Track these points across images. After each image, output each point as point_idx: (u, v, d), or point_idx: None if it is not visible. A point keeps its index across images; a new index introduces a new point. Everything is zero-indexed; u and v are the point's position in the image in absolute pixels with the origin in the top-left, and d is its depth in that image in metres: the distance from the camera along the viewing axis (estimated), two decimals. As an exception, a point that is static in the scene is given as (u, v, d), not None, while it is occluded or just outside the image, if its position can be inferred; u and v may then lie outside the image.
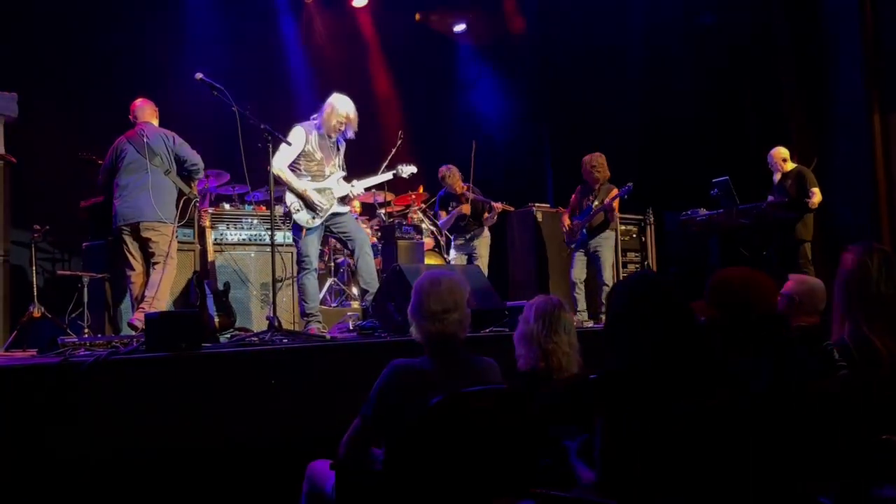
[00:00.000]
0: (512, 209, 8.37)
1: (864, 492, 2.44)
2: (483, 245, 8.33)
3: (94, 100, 7.64)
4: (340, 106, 5.79)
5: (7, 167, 5.33)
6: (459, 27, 11.51)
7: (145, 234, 5.65)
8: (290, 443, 3.73)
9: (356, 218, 6.80)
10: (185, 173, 5.92)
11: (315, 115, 5.86)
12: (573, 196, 7.95)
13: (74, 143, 6.83)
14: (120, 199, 5.70)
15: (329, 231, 5.94)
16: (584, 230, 7.66)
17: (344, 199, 5.94)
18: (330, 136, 5.84)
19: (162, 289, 5.59)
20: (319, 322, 5.74)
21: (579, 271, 7.71)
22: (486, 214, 8.22)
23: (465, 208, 8.16)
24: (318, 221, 5.75)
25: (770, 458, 2.15)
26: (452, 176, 8.19)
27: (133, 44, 8.05)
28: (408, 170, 6.34)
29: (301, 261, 5.78)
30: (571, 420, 2.84)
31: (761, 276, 2.79)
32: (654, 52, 10.35)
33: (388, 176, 6.34)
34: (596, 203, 7.63)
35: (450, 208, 8.31)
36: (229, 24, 9.03)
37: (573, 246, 7.79)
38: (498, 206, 8.10)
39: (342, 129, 5.84)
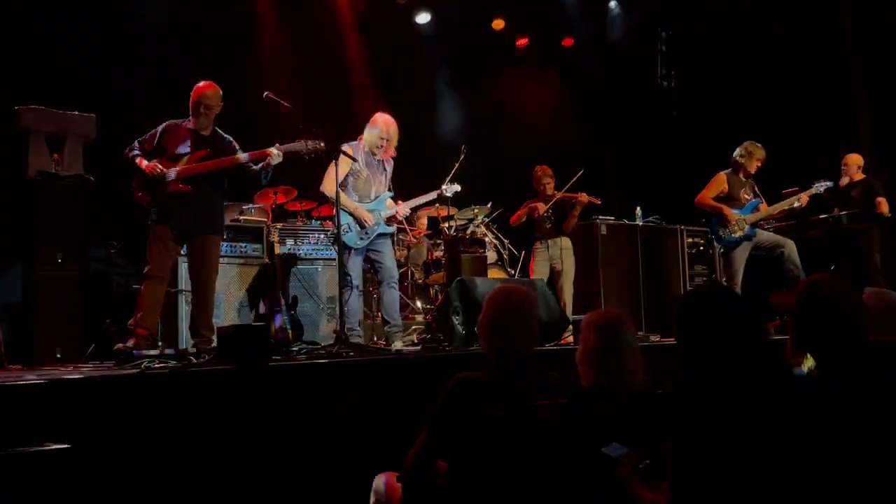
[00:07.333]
0: (598, 202, 7.59)
1: None
2: (567, 257, 7.57)
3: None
4: (382, 123, 5.94)
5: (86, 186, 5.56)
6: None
7: None
8: (356, 454, 3.79)
9: (417, 240, 7.09)
10: None
11: (360, 137, 5.99)
12: (722, 184, 7.15)
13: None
14: None
15: (368, 251, 5.96)
16: (751, 225, 7.11)
17: (390, 220, 6.06)
18: (374, 154, 5.96)
19: None
20: (360, 338, 5.86)
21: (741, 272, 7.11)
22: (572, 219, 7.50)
23: (541, 207, 7.48)
24: (364, 243, 5.88)
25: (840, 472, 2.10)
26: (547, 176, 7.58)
27: (204, 63, 8.27)
28: (452, 189, 6.38)
29: (344, 277, 5.76)
30: (635, 437, 2.77)
31: (849, 287, 2.68)
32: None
33: (432, 196, 6.38)
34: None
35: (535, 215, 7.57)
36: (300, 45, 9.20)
37: (730, 240, 7.12)
38: (583, 197, 7.38)
39: (382, 145, 5.94)
